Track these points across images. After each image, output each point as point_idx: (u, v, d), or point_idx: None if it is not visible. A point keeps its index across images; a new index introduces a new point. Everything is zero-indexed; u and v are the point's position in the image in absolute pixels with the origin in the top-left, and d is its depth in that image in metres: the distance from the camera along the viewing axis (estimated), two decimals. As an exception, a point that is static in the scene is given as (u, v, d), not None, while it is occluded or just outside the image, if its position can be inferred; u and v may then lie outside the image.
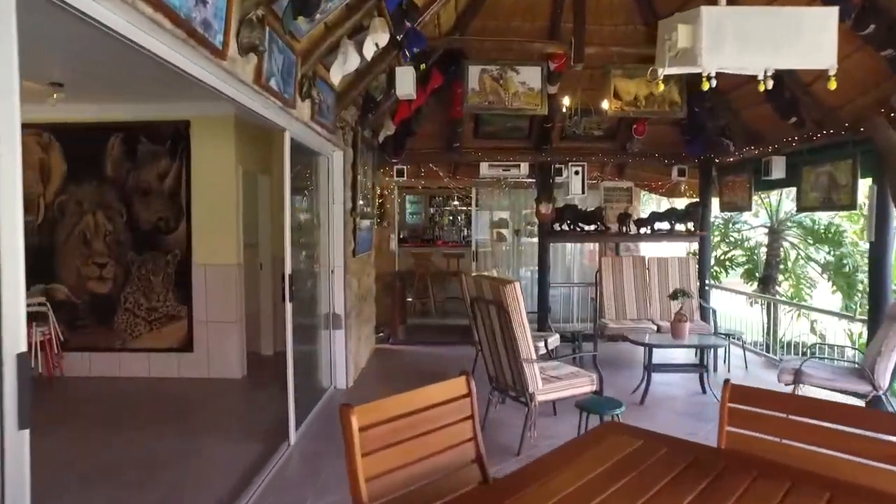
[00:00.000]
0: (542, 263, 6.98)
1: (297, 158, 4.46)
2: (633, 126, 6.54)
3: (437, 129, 6.80)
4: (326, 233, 5.09)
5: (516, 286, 3.58)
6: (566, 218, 6.86)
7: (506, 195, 8.76)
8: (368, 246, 6.34)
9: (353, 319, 5.56)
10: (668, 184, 7.44)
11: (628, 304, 6.49)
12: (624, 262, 6.60)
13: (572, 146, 6.99)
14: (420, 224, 11.88)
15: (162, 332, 5.58)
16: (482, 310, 3.91)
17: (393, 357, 6.66)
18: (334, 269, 5.17)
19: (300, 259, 4.30)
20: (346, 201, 5.24)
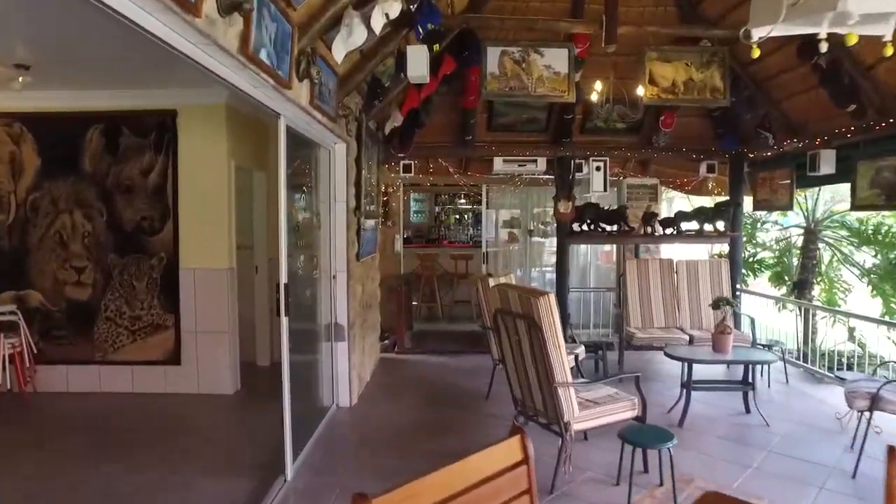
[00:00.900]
0: (560, 266, 6.46)
1: (295, 150, 3.95)
2: (661, 118, 6.02)
3: (448, 120, 6.28)
4: (327, 234, 4.57)
5: (550, 299, 3.06)
6: (587, 217, 6.34)
7: (518, 193, 8.24)
8: (373, 248, 5.83)
9: (357, 329, 5.05)
10: (695, 181, 6.92)
11: (655, 311, 5.97)
12: (650, 265, 6.08)
13: (593, 140, 6.47)
14: (425, 223, 11.36)
15: (146, 343, 5.07)
16: (508, 324, 3.39)
17: (399, 368, 6.14)
18: (336, 274, 4.65)
19: (298, 264, 3.78)
20: (349, 199, 4.72)
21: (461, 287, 9.01)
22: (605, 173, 6.36)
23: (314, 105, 3.41)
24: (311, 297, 4.15)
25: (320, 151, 4.49)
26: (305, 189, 3.95)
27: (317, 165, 4.48)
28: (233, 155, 5.15)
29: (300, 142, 3.95)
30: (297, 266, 3.75)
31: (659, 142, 6.27)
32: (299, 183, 3.89)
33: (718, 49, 4.79)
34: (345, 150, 4.67)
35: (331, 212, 4.60)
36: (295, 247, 3.74)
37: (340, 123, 4.36)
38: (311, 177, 4.34)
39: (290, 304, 3.29)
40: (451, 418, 4.54)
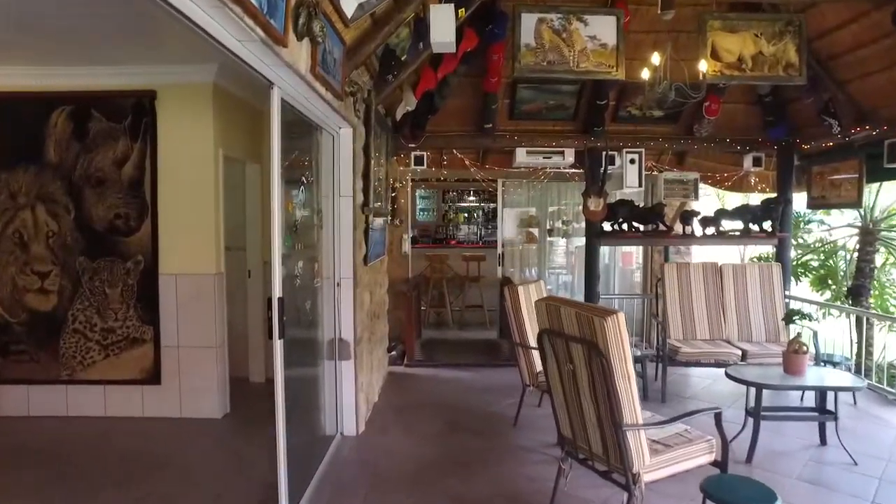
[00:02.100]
0: (589, 270, 5.79)
1: (292, 133, 3.28)
2: (705, 104, 5.36)
3: (466, 106, 5.61)
4: (330, 235, 3.90)
5: (619, 320, 2.39)
6: (619, 216, 5.67)
7: (536, 189, 7.56)
8: (382, 250, 5.15)
9: (365, 345, 4.38)
10: (735, 176, 6.26)
11: (698, 321, 5.30)
12: (692, 269, 5.41)
13: (627, 129, 5.81)
14: (432, 222, 10.69)
15: (121, 360, 4.39)
16: (559, 348, 2.72)
17: (410, 385, 5.47)
18: (341, 281, 3.98)
19: (296, 271, 3.11)
20: (355, 194, 4.04)
21: (472, 291, 8.34)
22: (640, 166, 5.69)
23: (316, 74, 2.74)
24: (310, 310, 3.48)
25: (322, 136, 3.82)
26: (304, 181, 3.27)
27: (318, 153, 3.80)
28: (222, 143, 4.47)
29: (298, 123, 3.28)
30: (294, 273, 3.08)
31: (701, 131, 5.60)
32: (297, 174, 3.21)
33: (794, 17, 4.11)
34: (351, 135, 3.99)
35: (334, 208, 3.93)
36: (292, 250, 3.07)
37: (347, 104, 3.69)
38: (311, 167, 3.66)
39: (285, 322, 2.61)
40: (474, 450, 3.87)
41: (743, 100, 5.55)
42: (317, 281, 3.55)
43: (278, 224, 2.58)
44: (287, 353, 2.76)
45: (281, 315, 2.58)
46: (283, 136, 2.82)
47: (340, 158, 3.98)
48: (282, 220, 2.67)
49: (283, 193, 2.66)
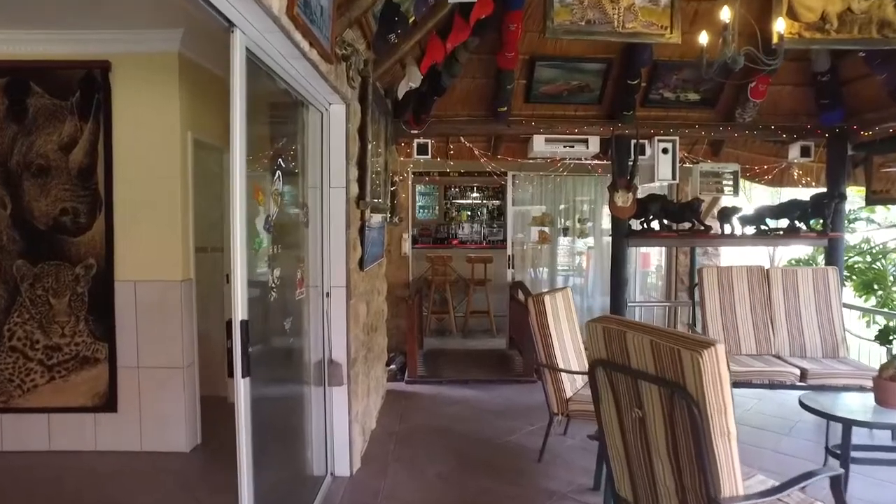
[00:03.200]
0: (616, 275, 5.10)
1: (270, 108, 2.60)
2: (751, 85, 4.68)
3: (476, 87, 4.92)
4: (318, 234, 3.19)
5: (719, 354, 1.69)
6: (651, 213, 4.98)
7: (551, 184, 6.87)
8: (380, 252, 4.45)
9: (360, 365, 3.68)
10: (777, 168, 5.58)
11: (743, 333, 4.62)
12: (734, 274, 4.72)
13: (658, 115, 5.12)
14: (433, 220, 9.98)
15: (69, 384, 3.68)
16: (621, 386, 2.03)
17: (412, 406, 4.76)
18: (331, 291, 3.28)
19: (271, 280, 2.40)
20: (349, 186, 3.34)
21: (478, 295, 7.65)
22: (673, 156, 5.01)
23: (294, 17, 2.03)
24: (292, 328, 2.77)
25: (309, 114, 3.11)
26: (282, 166, 2.56)
27: (304, 135, 3.10)
28: (191, 125, 3.76)
29: (277, 94, 2.58)
30: (269, 284, 2.38)
31: (744, 116, 4.92)
32: (274, 157, 2.51)
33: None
34: (344, 113, 3.29)
35: (323, 202, 3.23)
36: (266, 254, 2.37)
37: (339, 71, 2.98)
38: (294, 151, 2.97)
39: (251, 353, 1.91)
40: (493, 497, 3.18)
41: (791, 80, 4.87)
42: (300, 292, 2.85)
43: (241, 221, 1.88)
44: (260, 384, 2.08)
45: (245, 344, 1.88)
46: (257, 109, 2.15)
47: (331, 141, 3.28)
48: (246, 215, 1.97)
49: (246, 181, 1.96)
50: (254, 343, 2.03)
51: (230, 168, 1.88)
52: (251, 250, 2.10)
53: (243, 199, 1.92)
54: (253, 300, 2.16)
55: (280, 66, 2.35)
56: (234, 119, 1.88)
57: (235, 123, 1.88)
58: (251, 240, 2.10)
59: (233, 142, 1.88)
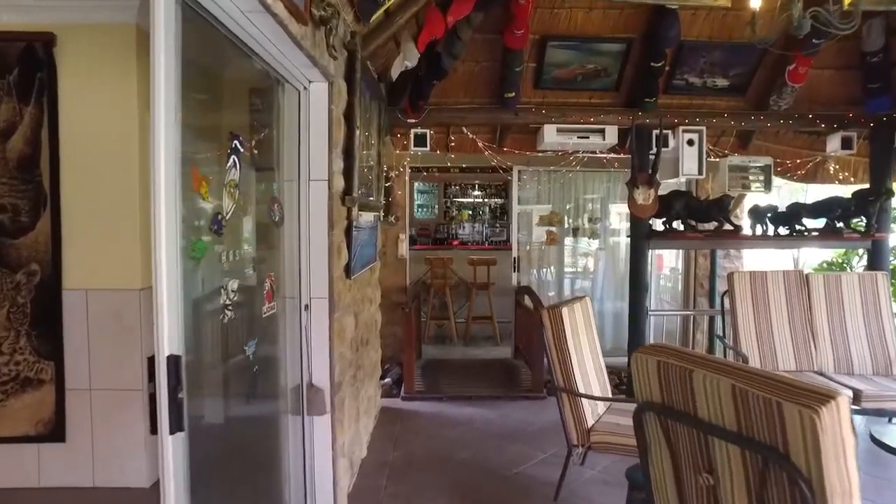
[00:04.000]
0: (636, 280, 4.58)
1: (221, 75, 2.10)
2: (789, 67, 4.17)
3: (480, 72, 4.42)
4: (294, 236, 2.68)
5: (842, 410, 1.18)
6: (674, 211, 4.47)
7: (559, 180, 6.35)
8: (372, 256, 3.94)
9: (348, 388, 3.16)
10: (811, 162, 5.07)
11: (780, 346, 4.11)
12: (769, 280, 4.22)
13: (682, 103, 4.62)
14: (432, 220, 9.48)
15: (7, 409, 3.16)
16: (682, 440, 1.52)
17: (409, 428, 4.25)
18: (311, 303, 2.76)
19: (226, 296, 1.89)
20: (333, 178, 2.83)
21: (480, 299, 7.14)
22: (700, 149, 4.50)
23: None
24: (260, 350, 2.26)
25: (283, 93, 2.60)
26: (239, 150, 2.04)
27: (276, 116, 2.59)
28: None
29: (234, 60, 2.07)
30: (224, 300, 1.87)
31: (780, 103, 4.41)
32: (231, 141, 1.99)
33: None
34: (326, 93, 2.78)
35: (301, 198, 2.72)
36: (218, 263, 1.86)
37: (317, 38, 2.47)
38: (261, 135, 2.45)
39: (182, 403, 1.40)
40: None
41: (832, 63, 4.37)
42: (269, 306, 2.33)
43: (165, 218, 1.37)
44: (214, 426, 1.58)
45: (174, 389, 1.37)
46: (206, 79, 1.65)
47: (311, 125, 2.76)
48: (180, 211, 1.46)
49: (180, 167, 1.45)
50: (196, 381, 1.53)
51: (151, 148, 1.37)
52: (188, 258, 1.59)
53: (171, 189, 1.41)
54: (196, 323, 1.66)
55: (235, 21, 1.84)
56: (157, 83, 1.37)
57: (158, 89, 1.37)
58: (189, 244, 1.59)
59: (154, 114, 1.37)
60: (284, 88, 2.62)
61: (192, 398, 1.63)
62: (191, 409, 1.63)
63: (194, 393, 1.67)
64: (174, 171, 1.43)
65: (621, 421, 3.08)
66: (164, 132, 1.37)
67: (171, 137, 1.41)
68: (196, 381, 1.69)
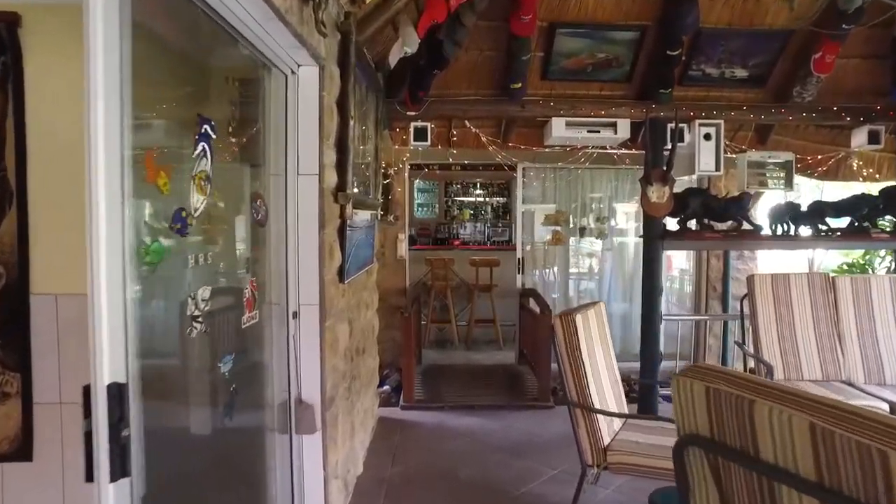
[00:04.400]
0: (649, 282, 4.32)
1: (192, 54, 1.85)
2: (815, 56, 3.91)
3: (484, 61, 4.16)
4: (281, 237, 2.42)
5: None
6: (690, 209, 4.21)
7: (565, 178, 6.09)
8: (369, 256, 3.67)
9: (341, 403, 2.90)
10: (833, 158, 4.80)
11: (805, 354, 3.85)
12: (793, 283, 3.95)
13: (698, 95, 4.36)
14: (432, 220, 9.22)
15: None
16: (748, 486, 1.25)
17: (408, 440, 3.99)
18: (299, 310, 2.50)
19: (194, 306, 1.63)
20: (324, 172, 2.57)
21: (483, 302, 6.88)
22: (717, 143, 4.24)
23: None
24: (237, 367, 1.99)
25: (270, 77, 2.34)
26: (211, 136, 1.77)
27: (264, 105, 2.33)
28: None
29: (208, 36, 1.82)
30: (192, 311, 1.61)
31: (804, 95, 4.15)
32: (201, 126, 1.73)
33: None
34: (317, 78, 2.51)
35: (288, 195, 2.45)
36: (183, 267, 1.60)
37: (305, 16, 2.20)
38: (240, 122, 2.19)
39: (126, 443, 1.14)
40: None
41: (859, 52, 4.11)
42: (249, 316, 2.07)
43: (103, 214, 1.12)
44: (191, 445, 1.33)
45: (117, 427, 1.11)
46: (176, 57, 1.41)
47: (300, 114, 2.50)
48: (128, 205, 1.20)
49: (128, 150, 1.19)
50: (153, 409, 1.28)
51: (85, 129, 1.11)
52: (140, 263, 1.33)
53: (114, 180, 1.16)
54: (152, 341, 1.41)
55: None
56: (92, 54, 1.12)
57: (94, 60, 1.13)
58: (139, 246, 1.34)
59: (90, 89, 1.12)
60: (271, 73, 2.36)
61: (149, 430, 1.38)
62: (149, 443, 1.39)
63: (152, 423, 1.42)
64: (117, 160, 1.17)
65: (640, 438, 2.82)
66: (101, 111, 1.12)
67: (111, 118, 1.15)
68: (153, 409, 1.43)
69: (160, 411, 1.54)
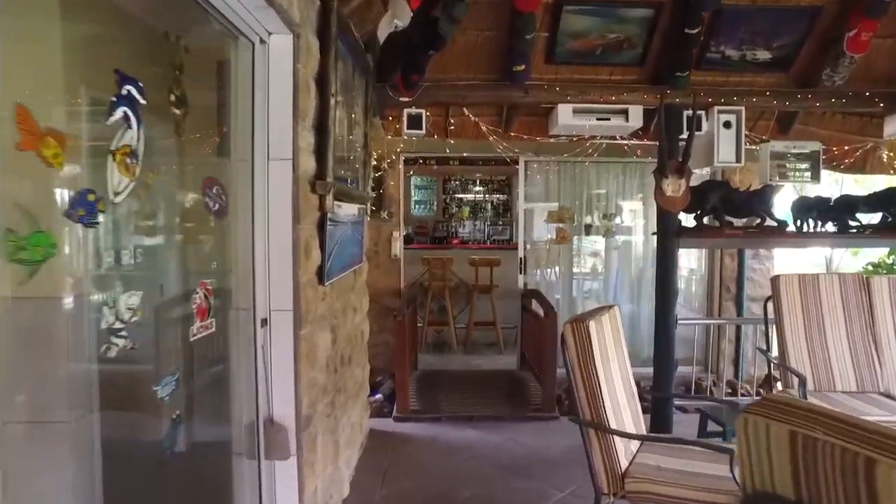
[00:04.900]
0: (664, 284, 3.96)
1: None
2: (849, 34, 3.56)
3: (484, 43, 3.80)
4: (247, 231, 2.08)
5: None
6: (709, 204, 3.86)
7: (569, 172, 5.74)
8: (357, 254, 3.32)
9: (321, 421, 2.55)
10: (860, 149, 4.45)
11: (837, 363, 3.50)
12: (823, 284, 3.61)
13: (717, 80, 4.01)
14: (430, 217, 8.88)
15: None
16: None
17: (401, 457, 3.64)
18: (269, 317, 2.16)
19: (112, 316, 1.29)
20: (298, 157, 2.22)
21: (482, 303, 6.54)
22: (738, 132, 3.90)
23: None
24: (182, 390, 1.65)
25: (235, 46, 2.00)
26: (136, 100, 1.43)
27: (223, 76, 1.99)
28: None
29: None
30: (111, 322, 1.27)
31: (835, 78, 3.80)
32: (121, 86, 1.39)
33: None
34: (290, 48, 2.17)
35: (255, 181, 2.11)
36: (103, 264, 1.26)
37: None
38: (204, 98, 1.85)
39: None
40: None
41: (891, 30, 3.75)
42: (202, 325, 1.72)
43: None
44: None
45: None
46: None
47: (271, 89, 2.15)
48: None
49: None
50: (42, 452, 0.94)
51: None
52: (7, 258, 1.00)
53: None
54: (45, 366, 1.08)
55: None
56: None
57: None
58: (5, 237, 1.00)
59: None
60: (237, 41, 2.03)
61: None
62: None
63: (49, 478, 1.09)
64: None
65: (663, 462, 2.47)
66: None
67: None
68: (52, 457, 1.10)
69: (57, 459, 1.20)
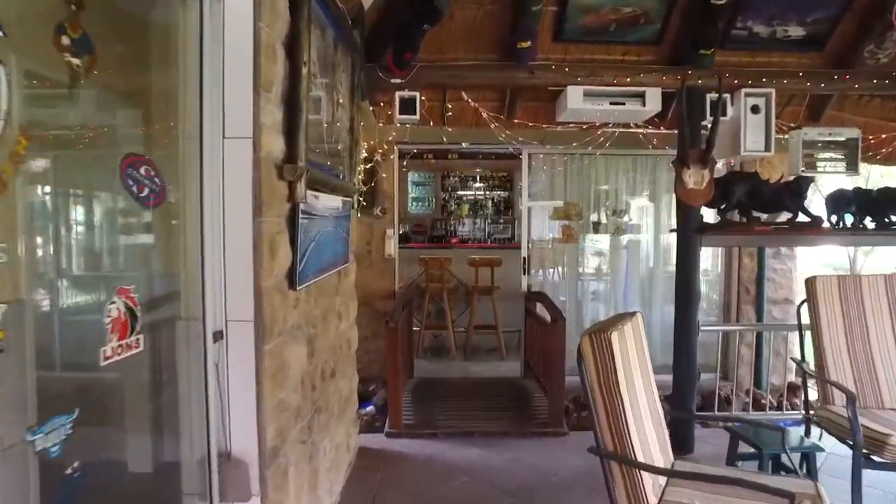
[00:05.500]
0: (684, 284, 3.57)
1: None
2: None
3: (484, 18, 3.41)
4: (195, 224, 1.69)
5: None
6: (735, 198, 3.48)
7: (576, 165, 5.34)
8: (342, 255, 2.92)
9: (293, 451, 2.16)
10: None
11: (885, 376, 3.11)
12: (866, 286, 3.21)
13: (743, 60, 3.62)
14: (428, 215, 8.49)
15: None
16: None
17: (392, 480, 3.25)
18: (225, 328, 1.77)
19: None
20: (261, 134, 1.83)
21: (483, 306, 6.14)
22: (767, 117, 3.51)
23: None
24: (97, 425, 1.27)
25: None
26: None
27: (153, 29, 1.60)
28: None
29: None
30: None
31: (878, 56, 3.41)
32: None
33: None
34: (250, 3, 1.78)
35: (204, 163, 1.72)
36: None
37: None
38: (124, 51, 1.46)
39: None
40: None
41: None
42: (121, 345, 1.34)
43: None
44: None
45: None
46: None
47: (226, 52, 1.77)
48: None
49: None
50: None
51: None
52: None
53: None
54: None
55: None
56: None
57: None
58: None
59: None
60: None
61: None
62: None
63: None
64: None
65: (698, 499, 2.08)
66: None
67: None
68: None
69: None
